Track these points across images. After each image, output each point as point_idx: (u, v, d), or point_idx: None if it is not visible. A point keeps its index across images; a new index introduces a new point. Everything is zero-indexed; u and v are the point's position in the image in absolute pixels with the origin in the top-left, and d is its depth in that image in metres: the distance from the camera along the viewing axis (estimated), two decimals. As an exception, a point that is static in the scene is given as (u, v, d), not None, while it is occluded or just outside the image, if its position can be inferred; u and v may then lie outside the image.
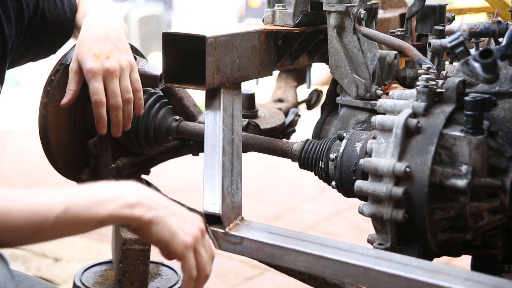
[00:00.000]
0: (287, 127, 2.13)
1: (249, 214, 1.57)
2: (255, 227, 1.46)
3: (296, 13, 1.78)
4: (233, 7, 9.21)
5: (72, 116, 1.80)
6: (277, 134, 2.06)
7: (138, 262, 1.68)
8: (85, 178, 1.81)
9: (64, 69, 1.74)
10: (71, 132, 1.80)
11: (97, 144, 1.82)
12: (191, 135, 1.86)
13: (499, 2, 2.08)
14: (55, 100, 1.73)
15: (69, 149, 1.81)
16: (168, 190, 1.93)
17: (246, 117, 2.04)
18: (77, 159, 1.82)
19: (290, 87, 2.30)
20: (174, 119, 1.87)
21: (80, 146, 1.83)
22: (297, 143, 1.74)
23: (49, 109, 1.73)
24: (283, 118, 2.11)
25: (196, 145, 1.99)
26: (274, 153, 1.78)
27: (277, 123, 2.05)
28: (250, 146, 1.81)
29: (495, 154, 1.38)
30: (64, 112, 1.77)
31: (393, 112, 1.43)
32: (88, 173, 1.82)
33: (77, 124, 1.82)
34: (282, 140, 1.80)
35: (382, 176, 1.37)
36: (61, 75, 1.74)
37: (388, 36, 1.70)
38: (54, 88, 1.73)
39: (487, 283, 1.22)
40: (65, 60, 1.74)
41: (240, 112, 1.66)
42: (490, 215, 1.38)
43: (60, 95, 1.72)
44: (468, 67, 1.30)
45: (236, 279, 3.00)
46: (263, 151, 1.80)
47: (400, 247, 1.42)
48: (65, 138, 1.79)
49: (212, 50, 1.58)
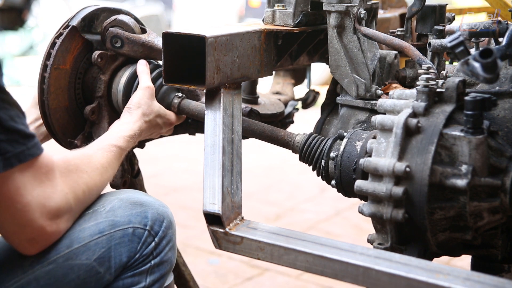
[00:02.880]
0: (285, 118, 2.13)
1: (249, 214, 1.57)
2: (255, 227, 1.46)
3: (296, 13, 1.78)
4: (233, 7, 9.21)
5: (72, 81, 1.79)
6: (276, 122, 2.05)
7: None
8: (78, 144, 1.80)
9: (68, 33, 1.74)
10: (70, 97, 1.80)
11: (94, 111, 1.81)
12: (192, 114, 1.82)
13: (499, 2, 2.08)
14: (56, 63, 1.73)
15: (66, 114, 1.80)
16: (168, 190, 1.93)
17: (247, 102, 2.04)
18: (73, 125, 1.82)
19: (288, 84, 2.30)
20: (177, 95, 1.84)
21: (77, 112, 1.82)
22: (300, 135, 1.73)
23: (50, 72, 1.73)
24: (283, 107, 2.11)
25: (194, 124, 1.97)
26: (275, 142, 1.77)
27: (277, 111, 2.06)
28: (251, 132, 1.79)
29: (495, 154, 1.38)
30: (65, 76, 1.77)
31: (393, 112, 1.43)
32: (81, 139, 1.81)
33: (77, 90, 1.81)
34: (285, 130, 1.79)
35: (382, 176, 1.37)
36: (64, 38, 1.74)
37: (388, 36, 1.70)
38: (56, 51, 1.73)
39: (487, 283, 1.22)
40: (71, 22, 1.75)
41: (240, 112, 1.66)
42: (490, 215, 1.38)
43: (62, 58, 1.73)
44: (468, 67, 1.30)
45: (236, 279, 3.00)
46: (264, 139, 1.78)
47: (400, 247, 1.42)
48: (64, 103, 1.78)
49: (212, 50, 1.58)
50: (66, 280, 1.39)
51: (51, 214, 1.34)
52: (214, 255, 3.19)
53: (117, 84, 1.83)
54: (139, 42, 1.81)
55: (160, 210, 1.52)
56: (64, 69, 1.77)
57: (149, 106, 1.73)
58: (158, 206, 1.53)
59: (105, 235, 1.44)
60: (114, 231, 1.45)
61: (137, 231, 1.47)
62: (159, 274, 1.51)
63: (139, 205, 1.50)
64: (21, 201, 1.30)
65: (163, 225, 1.51)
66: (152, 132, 1.77)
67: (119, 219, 1.46)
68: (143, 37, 1.82)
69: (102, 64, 1.80)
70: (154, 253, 1.49)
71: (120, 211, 1.47)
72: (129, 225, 1.46)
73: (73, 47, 1.78)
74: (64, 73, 1.76)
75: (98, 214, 1.46)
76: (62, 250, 1.39)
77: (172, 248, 1.55)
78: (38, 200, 1.32)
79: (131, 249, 1.46)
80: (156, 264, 1.50)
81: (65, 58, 1.76)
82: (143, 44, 1.81)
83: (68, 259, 1.39)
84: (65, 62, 1.77)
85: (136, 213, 1.48)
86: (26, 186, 1.30)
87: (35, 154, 1.31)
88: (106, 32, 1.80)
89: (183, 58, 1.66)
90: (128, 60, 1.86)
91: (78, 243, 1.41)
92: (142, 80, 1.77)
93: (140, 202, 1.51)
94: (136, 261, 1.47)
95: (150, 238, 1.49)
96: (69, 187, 1.39)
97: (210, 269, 3.09)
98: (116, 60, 1.84)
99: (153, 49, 1.81)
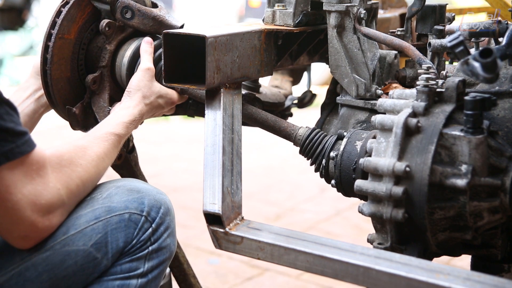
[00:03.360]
0: (284, 110, 2.13)
1: (249, 214, 1.57)
2: (255, 226, 1.46)
3: (296, 13, 1.78)
4: (233, 7, 9.21)
5: (76, 51, 1.77)
6: (276, 112, 2.05)
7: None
8: (77, 112, 1.77)
9: (75, 1, 1.72)
10: (72, 68, 1.78)
11: (96, 80, 1.78)
12: (195, 96, 1.80)
13: (499, 2, 2.08)
14: (61, 32, 1.71)
15: (68, 85, 1.77)
16: (168, 190, 1.93)
17: (249, 89, 2.03)
18: (74, 96, 1.79)
19: (286, 81, 2.31)
20: None
21: (78, 83, 1.80)
22: (302, 128, 1.73)
23: (54, 41, 1.70)
24: (284, 98, 2.12)
25: (194, 105, 1.95)
26: (277, 133, 1.76)
27: (278, 101, 2.06)
28: (254, 121, 1.77)
29: (495, 154, 1.38)
30: (69, 46, 1.75)
31: (393, 111, 1.43)
32: (80, 107, 1.78)
33: (79, 61, 1.79)
34: (288, 122, 1.78)
35: (382, 176, 1.37)
36: (71, 7, 1.72)
37: (388, 36, 1.70)
38: (62, 20, 1.71)
39: (487, 283, 1.22)
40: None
41: (240, 112, 1.66)
42: (490, 215, 1.38)
43: (67, 27, 1.71)
44: (468, 67, 1.30)
45: (236, 279, 3.00)
46: (266, 128, 1.77)
47: (400, 247, 1.42)
48: (66, 74, 1.76)
49: (212, 50, 1.58)
50: (64, 266, 1.41)
51: (43, 211, 1.35)
52: (214, 255, 3.19)
53: (122, 56, 1.80)
54: (150, 15, 1.78)
55: (157, 197, 1.52)
56: (69, 39, 1.74)
57: (149, 88, 1.70)
58: (156, 193, 1.53)
59: (101, 220, 1.44)
60: (110, 216, 1.45)
61: (133, 216, 1.47)
62: (158, 261, 1.51)
63: (136, 192, 1.50)
64: (11, 199, 1.30)
65: (160, 211, 1.51)
66: (154, 113, 1.75)
67: (116, 205, 1.47)
68: (155, 11, 1.80)
69: (109, 33, 1.77)
70: (152, 239, 1.49)
71: (116, 197, 1.48)
72: (125, 211, 1.47)
73: (78, 16, 1.74)
74: (68, 43, 1.74)
75: (95, 201, 1.47)
76: (59, 237, 1.40)
77: (171, 235, 1.54)
78: (28, 197, 1.32)
79: (128, 235, 1.46)
80: (154, 250, 1.50)
81: (70, 27, 1.72)
82: (154, 18, 1.79)
83: (65, 245, 1.40)
84: (70, 32, 1.74)
85: (132, 199, 1.48)
86: (16, 184, 1.31)
87: (25, 152, 1.31)
88: (117, 1, 1.77)
89: (183, 58, 1.66)
90: (136, 33, 1.82)
91: (75, 229, 1.42)
92: (143, 60, 1.74)
93: (137, 189, 1.51)
94: (133, 246, 1.47)
95: (147, 224, 1.49)
96: (62, 183, 1.39)
97: (210, 269, 3.09)
98: (124, 32, 1.80)
99: (162, 24, 1.78)
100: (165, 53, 1.62)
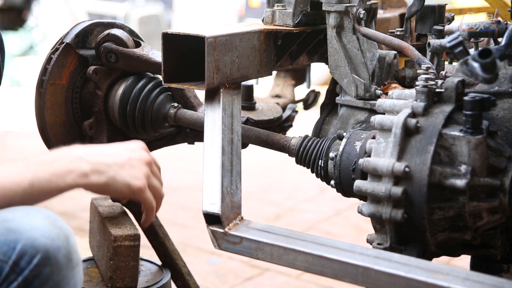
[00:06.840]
0: (284, 122, 2.13)
1: (249, 214, 1.57)
2: (254, 226, 1.46)
3: (296, 13, 1.78)
4: (233, 7, 9.21)
5: (69, 96, 1.80)
6: (273, 127, 2.05)
7: (129, 258, 1.68)
8: None
9: (63, 48, 1.75)
10: (67, 112, 1.80)
11: (92, 125, 1.81)
12: (189, 123, 1.83)
13: (499, 2, 2.08)
14: (53, 78, 1.74)
15: (64, 129, 1.80)
16: (168, 190, 1.93)
17: (243, 108, 2.04)
18: (71, 140, 1.81)
19: (288, 85, 2.30)
20: (173, 105, 1.85)
21: (75, 127, 1.82)
22: (295, 138, 1.74)
23: (46, 87, 1.73)
24: (281, 112, 2.11)
25: (192, 133, 1.96)
26: (271, 146, 1.77)
27: (274, 116, 2.05)
28: (247, 138, 1.79)
29: (494, 154, 1.38)
30: (62, 91, 1.77)
31: (392, 112, 1.43)
32: None
33: (74, 104, 1.81)
34: (280, 134, 1.79)
35: (381, 176, 1.37)
36: (60, 54, 1.75)
37: (388, 36, 1.70)
38: (52, 66, 1.74)
39: (486, 283, 1.22)
40: (65, 38, 1.75)
41: (240, 112, 1.66)
42: (489, 215, 1.38)
43: (58, 73, 1.73)
44: (467, 67, 1.30)
45: (236, 279, 3.00)
46: (260, 144, 1.79)
47: (399, 247, 1.42)
48: (61, 118, 1.79)
49: (212, 50, 1.58)
50: None
51: None
52: (214, 255, 3.19)
53: (114, 96, 1.83)
54: (133, 56, 1.80)
55: (38, 241, 1.18)
56: (61, 84, 1.77)
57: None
58: (39, 236, 1.18)
59: None
60: None
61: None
62: None
63: (12, 232, 1.19)
64: None
65: (33, 261, 1.18)
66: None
67: None
68: (137, 51, 1.81)
69: (97, 79, 1.80)
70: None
71: None
72: None
73: (68, 62, 1.78)
74: (61, 88, 1.76)
75: None
76: None
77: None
78: None
79: None
80: None
81: (61, 73, 1.76)
82: (138, 58, 1.81)
83: None
84: (61, 77, 1.77)
85: (4, 241, 1.18)
86: None
87: None
88: (100, 47, 1.80)
89: (182, 58, 1.66)
90: (124, 73, 1.85)
91: None
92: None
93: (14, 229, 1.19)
94: None
95: (13, 275, 1.18)
96: None
97: (210, 269, 3.09)
98: (112, 74, 1.83)
99: (148, 63, 1.80)
100: (164, 53, 1.62)
